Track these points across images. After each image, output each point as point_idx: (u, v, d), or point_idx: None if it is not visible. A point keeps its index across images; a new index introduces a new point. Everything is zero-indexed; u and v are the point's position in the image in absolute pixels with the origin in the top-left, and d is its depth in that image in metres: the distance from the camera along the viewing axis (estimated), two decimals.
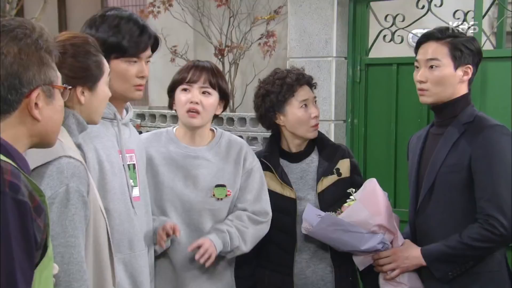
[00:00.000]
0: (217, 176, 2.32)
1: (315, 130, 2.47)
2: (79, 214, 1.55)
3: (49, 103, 1.31)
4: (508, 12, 3.16)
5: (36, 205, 1.20)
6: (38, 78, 1.27)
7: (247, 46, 5.96)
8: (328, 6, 3.30)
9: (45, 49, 1.29)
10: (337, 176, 2.45)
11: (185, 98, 2.28)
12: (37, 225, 1.19)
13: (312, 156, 2.50)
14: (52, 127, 1.34)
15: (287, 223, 2.42)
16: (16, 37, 1.24)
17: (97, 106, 1.76)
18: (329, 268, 2.44)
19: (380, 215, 2.23)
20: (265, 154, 2.49)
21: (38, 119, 1.29)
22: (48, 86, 1.30)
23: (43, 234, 1.22)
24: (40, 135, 1.32)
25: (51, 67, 1.31)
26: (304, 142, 2.50)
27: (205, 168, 2.31)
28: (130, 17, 2.00)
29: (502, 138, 2.10)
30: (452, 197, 2.15)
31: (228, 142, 2.39)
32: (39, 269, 1.23)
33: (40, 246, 1.22)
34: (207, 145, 2.36)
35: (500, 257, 2.17)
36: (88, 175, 1.59)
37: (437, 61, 2.17)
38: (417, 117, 3.11)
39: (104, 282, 1.66)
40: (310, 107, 2.45)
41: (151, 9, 6.07)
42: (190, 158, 2.32)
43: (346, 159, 2.50)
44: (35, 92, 1.27)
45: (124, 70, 2.00)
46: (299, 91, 2.44)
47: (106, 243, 1.67)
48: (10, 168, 1.18)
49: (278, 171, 2.44)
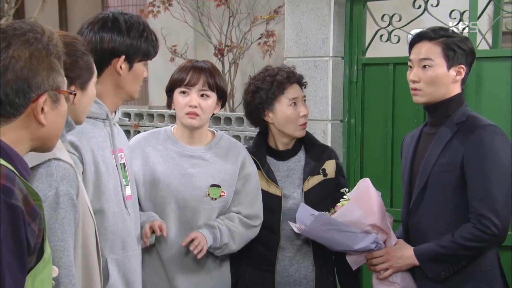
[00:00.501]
0: (213, 176, 2.35)
1: (303, 129, 2.47)
2: (69, 217, 1.54)
3: (55, 108, 1.31)
4: (504, 12, 3.16)
5: (30, 209, 1.19)
6: (47, 83, 1.28)
7: (247, 45, 5.97)
8: (325, 5, 3.31)
9: (55, 54, 1.29)
10: (323, 176, 2.47)
11: (184, 102, 2.32)
12: (31, 229, 1.18)
13: (299, 155, 2.51)
14: (54, 131, 1.34)
15: (272, 221, 2.42)
16: (28, 41, 1.25)
17: (86, 106, 1.75)
18: (311, 267, 2.46)
19: (373, 215, 2.23)
20: (252, 151, 2.50)
21: (43, 124, 1.29)
22: (54, 92, 1.30)
23: (38, 238, 1.21)
24: (42, 139, 1.33)
25: (59, 72, 1.31)
26: (292, 141, 2.51)
27: (201, 167, 2.34)
28: (145, 23, 2.05)
29: (495, 138, 2.10)
30: (445, 197, 2.15)
31: (228, 144, 2.43)
32: (33, 273, 1.22)
33: (34, 251, 1.21)
34: (205, 146, 2.39)
35: (492, 256, 2.17)
36: (78, 178, 1.59)
37: (430, 61, 2.18)
38: (414, 116, 3.11)
39: (93, 283, 1.66)
40: (299, 106, 2.45)
41: (151, 8, 6.08)
42: (186, 157, 2.35)
43: (332, 160, 2.51)
44: (42, 97, 1.28)
45: (142, 72, 2.05)
46: (289, 89, 2.44)
47: (94, 244, 1.67)
48: (5, 171, 1.18)
49: (265, 168, 2.45)
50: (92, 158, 1.90)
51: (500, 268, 2.20)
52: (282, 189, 2.43)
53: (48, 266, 1.29)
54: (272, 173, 2.45)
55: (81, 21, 2.15)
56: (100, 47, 1.95)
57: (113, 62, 1.97)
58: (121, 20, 1.98)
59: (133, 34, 1.98)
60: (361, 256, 2.32)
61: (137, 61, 2.01)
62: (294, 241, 2.43)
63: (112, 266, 1.95)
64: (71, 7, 8.49)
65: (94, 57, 1.91)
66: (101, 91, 1.96)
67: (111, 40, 1.95)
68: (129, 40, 1.97)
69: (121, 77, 1.99)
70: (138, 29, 1.99)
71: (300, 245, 2.44)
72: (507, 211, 2.08)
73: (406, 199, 2.30)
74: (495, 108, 2.89)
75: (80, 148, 1.87)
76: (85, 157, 1.87)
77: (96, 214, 1.90)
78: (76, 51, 1.69)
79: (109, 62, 1.97)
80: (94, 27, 1.98)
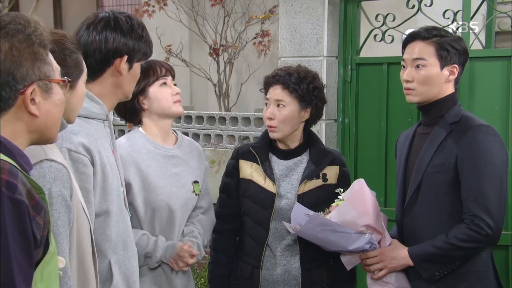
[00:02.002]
0: (191, 173, 2.45)
1: (271, 131, 2.45)
2: (62, 219, 1.53)
3: (47, 97, 1.30)
4: (497, 12, 3.16)
5: (35, 203, 1.19)
6: (33, 74, 1.26)
7: (242, 45, 5.98)
8: (319, 5, 3.31)
9: (38, 43, 1.27)
10: (323, 181, 2.44)
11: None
12: (36, 222, 1.18)
13: (302, 157, 2.49)
14: (51, 121, 1.33)
15: (263, 216, 2.43)
16: (8, 34, 1.23)
17: (76, 105, 1.73)
18: (299, 270, 2.44)
19: (368, 216, 2.23)
20: (255, 145, 2.51)
21: (36, 114, 1.28)
22: (44, 81, 1.28)
23: (44, 231, 1.22)
24: (39, 131, 1.31)
25: (46, 61, 1.29)
26: (293, 143, 2.50)
27: (181, 166, 2.43)
28: (142, 24, 2.06)
29: (488, 138, 2.10)
30: (439, 197, 2.16)
31: (188, 142, 2.55)
32: (41, 266, 1.23)
33: (41, 244, 1.21)
34: (175, 145, 2.47)
35: (486, 256, 2.18)
36: (71, 179, 1.57)
37: (424, 60, 2.18)
38: (408, 116, 3.12)
39: (88, 284, 1.65)
40: (269, 107, 2.44)
41: (146, 8, 6.08)
42: (168, 157, 2.41)
43: (335, 166, 2.47)
44: (30, 88, 1.26)
45: (138, 72, 2.06)
46: (270, 89, 2.46)
47: (89, 245, 1.66)
48: (8, 167, 1.18)
49: (264, 164, 2.45)
50: (99, 160, 1.90)
51: (494, 268, 2.21)
52: (278, 187, 2.43)
53: (54, 258, 1.29)
54: (271, 170, 2.45)
55: (75, 20, 2.15)
56: (105, 46, 1.95)
57: (116, 62, 1.97)
58: (122, 20, 1.98)
59: (134, 35, 1.98)
60: (355, 257, 2.32)
61: (136, 61, 2.02)
62: (283, 240, 2.43)
63: (115, 267, 1.95)
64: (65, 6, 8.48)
65: (98, 56, 1.91)
66: (100, 91, 1.96)
67: (115, 40, 1.95)
68: (131, 40, 1.98)
69: (122, 77, 1.99)
70: (138, 29, 2.00)
71: (288, 245, 2.44)
72: (501, 212, 2.08)
73: (400, 199, 2.30)
74: (488, 108, 2.90)
75: (91, 150, 1.86)
76: (95, 159, 1.88)
77: (102, 216, 1.91)
78: (65, 49, 1.67)
79: (112, 61, 1.97)
80: (96, 27, 1.97)
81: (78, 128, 1.86)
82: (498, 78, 2.89)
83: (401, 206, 2.29)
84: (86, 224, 1.65)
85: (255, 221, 2.46)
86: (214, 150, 4.09)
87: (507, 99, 2.85)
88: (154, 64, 2.42)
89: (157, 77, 2.39)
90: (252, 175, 2.45)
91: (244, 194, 2.47)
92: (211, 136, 4.15)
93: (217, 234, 2.54)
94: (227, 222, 2.53)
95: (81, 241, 1.63)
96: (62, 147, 1.80)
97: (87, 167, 1.85)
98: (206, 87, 6.62)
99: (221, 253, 2.52)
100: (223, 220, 2.53)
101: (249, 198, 2.46)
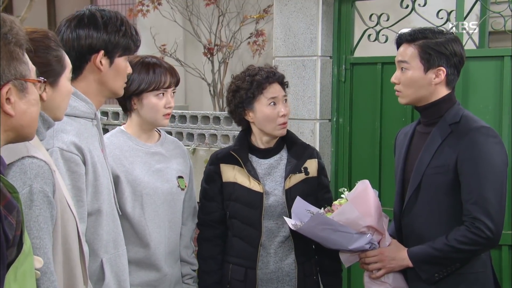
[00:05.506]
0: (175, 169, 2.47)
1: (283, 128, 2.48)
2: (44, 215, 1.51)
3: (22, 97, 1.29)
4: (490, 12, 3.17)
5: (7, 202, 1.18)
6: (8, 73, 1.25)
7: (237, 45, 5.96)
8: (313, 5, 3.31)
9: (14, 42, 1.26)
10: (305, 174, 2.49)
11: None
12: (8, 222, 1.17)
13: (281, 154, 2.53)
14: (27, 121, 1.32)
15: (253, 217, 2.44)
16: None
17: (60, 102, 1.72)
18: (294, 264, 2.47)
19: (370, 217, 2.23)
20: (235, 148, 2.53)
21: (11, 114, 1.27)
22: (20, 81, 1.28)
23: (17, 231, 1.20)
24: (15, 130, 1.31)
25: (22, 61, 1.28)
26: (274, 139, 2.53)
27: (164, 162, 2.45)
28: (124, 18, 2.03)
29: (489, 140, 2.09)
30: (439, 198, 2.15)
31: (172, 140, 2.57)
32: (15, 265, 1.21)
33: (13, 244, 1.20)
34: (157, 142, 2.48)
35: (485, 258, 2.18)
36: (53, 175, 1.56)
37: (407, 63, 2.18)
38: (402, 116, 3.12)
39: (75, 280, 1.64)
40: (278, 105, 2.46)
41: (140, 7, 6.05)
42: (150, 154, 2.43)
43: (314, 159, 2.53)
44: (5, 87, 1.25)
45: (124, 68, 2.03)
46: (268, 88, 2.45)
47: (76, 241, 1.65)
48: None
49: (247, 165, 2.47)
50: (90, 158, 1.90)
51: (492, 269, 2.22)
52: (264, 186, 2.45)
53: (29, 258, 1.28)
54: (254, 170, 2.47)
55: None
56: (78, 44, 1.94)
57: (93, 58, 1.95)
58: (97, 15, 1.96)
59: (110, 29, 1.96)
60: (354, 255, 2.33)
61: (118, 56, 1.99)
62: (275, 238, 2.45)
63: (107, 266, 1.95)
64: (59, 5, 8.45)
65: (73, 54, 1.89)
66: (85, 89, 1.96)
67: (87, 36, 1.94)
68: (106, 35, 1.95)
69: (103, 73, 1.98)
70: (115, 23, 1.97)
71: (282, 242, 2.46)
72: (501, 214, 2.08)
73: (398, 198, 2.30)
74: (481, 108, 2.90)
75: (82, 148, 1.86)
76: (87, 157, 1.88)
77: (94, 215, 1.91)
78: (45, 46, 1.65)
79: (89, 58, 1.95)
80: (70, 25, 1.96)
81: (69, 127, 1.86)
82: (491, 78, 2.89)
83: (399, 205, 2.29)
84: (72, 220, 1.63)
85: (245, 223, 2.46)
86: (208, 149, 4.08)
87: (500, 99, 2.86)
88: (164, 72, 2.37)
89: (158, 87, 2.36)
90: (236, 178, 2.46)
91: (230, 197, 2.48)
92: (206, 136, 4.15)
93: (204, 242, 2.54)
94: (213, 229, 2.52)
95: (67, 238, 1.61)
96: (54, 147, 1.80)
97: (79, 166, 1.85)
98: (201, 86, 6.60)
99: (211, 260, 2.51)
100: (209, 226, 2.53)
101: (236, 200, 2.46)
